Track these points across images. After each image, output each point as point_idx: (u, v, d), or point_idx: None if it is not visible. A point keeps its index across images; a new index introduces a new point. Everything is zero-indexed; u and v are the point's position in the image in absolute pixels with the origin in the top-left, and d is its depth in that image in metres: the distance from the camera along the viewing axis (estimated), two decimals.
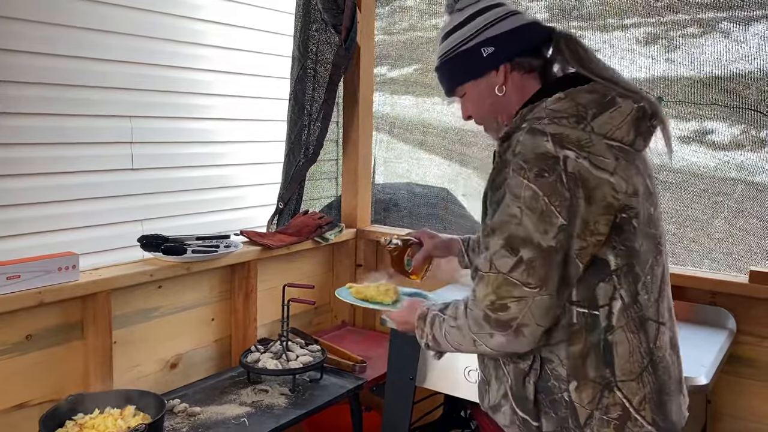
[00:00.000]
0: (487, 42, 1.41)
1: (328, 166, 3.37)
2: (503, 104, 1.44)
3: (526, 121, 1.33)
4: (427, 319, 1.44)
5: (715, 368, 1.86)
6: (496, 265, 1.27)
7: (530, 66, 1.43)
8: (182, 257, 2.22)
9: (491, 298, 1.26)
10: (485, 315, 1.27)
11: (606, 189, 1.26)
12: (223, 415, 2.06)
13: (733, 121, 2.43)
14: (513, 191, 1.26)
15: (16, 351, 1.87)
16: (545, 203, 1.24)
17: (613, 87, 1.33)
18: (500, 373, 1.42)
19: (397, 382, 2.22)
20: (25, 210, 2.85)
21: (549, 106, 1.32)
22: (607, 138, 1.30)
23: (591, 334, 1.31)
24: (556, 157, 1.25)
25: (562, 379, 1.32)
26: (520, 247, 1.25)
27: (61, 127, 2.96)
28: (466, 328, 1.32)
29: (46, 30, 2.85)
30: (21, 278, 1.83)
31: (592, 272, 1.29)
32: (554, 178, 1.24)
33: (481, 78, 1.44)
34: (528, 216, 1.24)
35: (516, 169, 1.27)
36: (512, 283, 1.25)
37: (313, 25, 2.82)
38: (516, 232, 1.25)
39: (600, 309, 1.30)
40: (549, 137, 1.26)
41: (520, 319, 1.25)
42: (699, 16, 2.48)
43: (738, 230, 2.40)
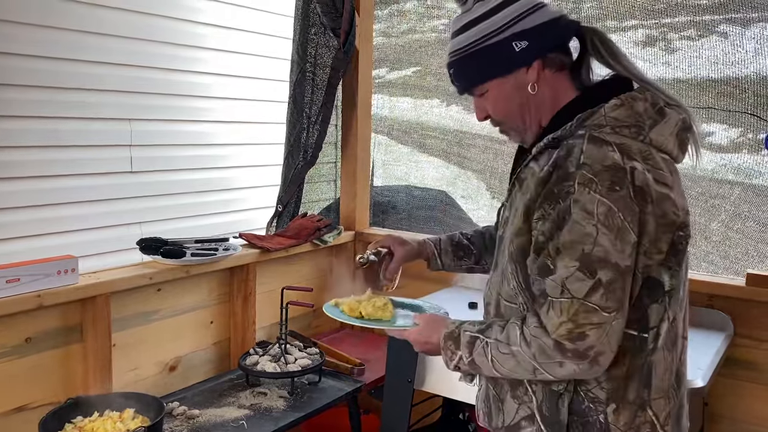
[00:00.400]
0: (521, 35, 1.28)
1: (326, 168, 3.38)
2: (535, 104, 1.33)
3: (584, 128, 1.24)
4: (461, 341, 1.31)
5: (712, 371, 1.87)
6: (570, 290, 1.15)
7: (561, 63, 1.32)
8: (181, 260, 2.23)
9: (568, 326, 1.15)
10: (558, 344, 1.16)
11: (668, 205, 1.21)
12: (222, 418, 2.06)
13: (731, 124, 2.44)
14: (584, 207, 1.15)
15: (15, 354, 1.87)
16: (621, 219, 1.15)
17: (658, 95, 1.26)
18: (519, 392, 1.33)
19: (396, 385, 2.23)
20: (23, 213, 2.85)
21: (609, 114, 1.23)
22: (660, 150, 1.24)
23: (636, 357, 1.24)
24: (624, 169, 1.17)
25: (599, 402, 1.25)
26: (598, 268, 1.14)
27: (59, 130, 2.96)
28: (527, 356, 1.20)
29: (44, 33, 2.85)
30: (20, 281, 1.83)
31: (646, 293, 1.22)
32: (625, 192, 1.16)
33: (510, 75, 1.31)
34: (605, 234, 1.14)
35: (584, 182, 1.16)
36: (590, 308, 1.14)
37: (312, 29, 2.83)
38: (592, 252, 1.15)
39: (650, 331, 1.24)
40: (614, 147, 1.19)
41: (597, 347, 1.15)
42: (697, 18, 2.49)
43: (735, 233, 2.41)
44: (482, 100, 1.38)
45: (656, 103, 1.25)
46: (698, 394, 1.80)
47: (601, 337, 1.15)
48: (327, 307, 1.70)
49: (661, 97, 1.26)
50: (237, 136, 3.85)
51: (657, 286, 1.23)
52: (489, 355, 1.26)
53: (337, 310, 1.70)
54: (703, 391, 1.78)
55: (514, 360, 1.22)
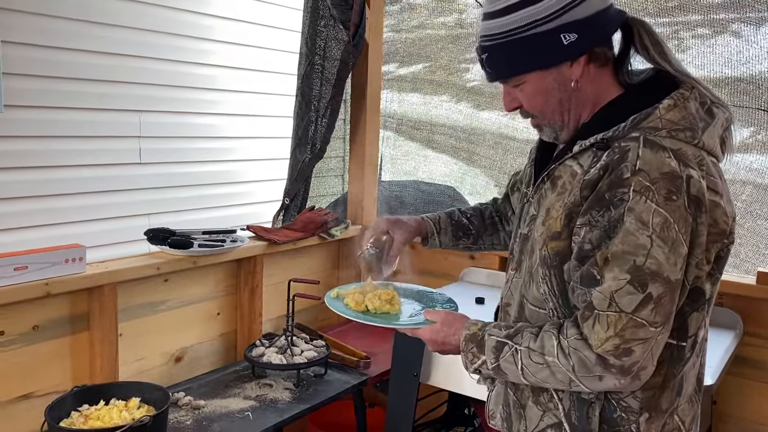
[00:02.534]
0: (571, 27, 1.16)
1: (335, 162, 3.38)
2: (575, 101, 1.24)
3: (639, 130, 1.15)
4: (486, 345, 1.24)
5: (721, 369, 1.86)
6: (619, 304, 1.09)
7: (605, 58, 1.23)
8: (189, 251, 2.23)
9: (615, 342, 1.09)
10: (601, 359, 1.11)
11: (719, 213, 1.15)
12: (228, 409, 2.07)
13: (743, 124, 2.42)
14: (640, 217, 1.08)
15: (22, 342, 1.88)
16: (676, 231, 1.09)
17: (705, 93, 1.19)
18: (543, 399, 1.28)
19: (401, 379, 2.22)
20: (32, 202, 2.86)
21: (665, 116, 1.15)
22: (711, 154, 1.17)
23: (674, 366, 1.20)
24: (681, 177, 1.10)
25: (632, 411, 1.21)
26: (650, 282, 1.08)
27: (69, 120, 2.97)
28: (564, 368, 1.14)
29: (55, 23, 2.86)
30: (28, 269, 1.83)
31: (689, 302, 1.17)
32: (681, 202, 1.09)
33: (552, 69, 1.21)
34: (659, 247, 1.08)
35: (640, 190, 1.09)
36: (639, 323, 1.09)
37: (322, 21, 2.82)
38: (644, 265, 1.08)
39: (687, 339, 1.20)
40: (671, 153, 1.11)
41: (641, 362, 1.10)
42: (710, 17, 2.47)
43: (746, 231, 2.39)
44: (515, 90, 1.27)
45: (704, 102, 1.18)
46: (707, 393, 1.78)
47: (645, 352, 1.10)
48: (329, 301, 1.62)
49: (707, 96, 1.19)
50: (245, 129, 3.85)
51: (699, 294, 1.18)
52: (519, 363, 1.19)
53: (341, 305, 1.61)
54: (712, 389, 1.77)
55: (549, 371, 1.17)
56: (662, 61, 1.21)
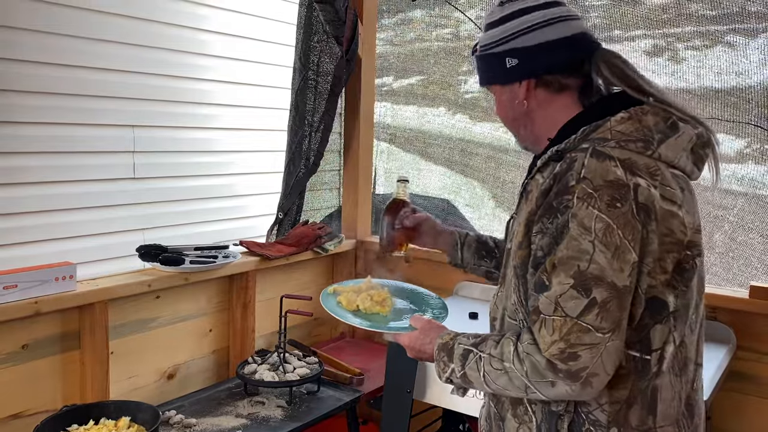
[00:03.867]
0: (512, 53, 1.27)
1: (329, 176, 3.37)
2: (530, 120, 1.33)
3: (588, 141, 1.19)
4: (455, 354, 1.27)
5: (715, 384, 1.85)
6: (564, 308, 1.11)
7: (561, 85, 1.28)
8: (180, 267, 2.22)
9: (560, 345, 1.11)
10: (550, 363, 1.12)
11: (675, 223, 1.16)
12: (219, 427, 2.05)
13: (736, 135, 2.42)
14: (582, 223, 1.11)
15: (11, 361, 1.87)
16: (620, 237, 1.10)
17: (671, 109, 1.21)
18: (520, 411, 1.29)
19: (395, 396, 2.21)
20: (25, 219, 2.85)
21: (615, 127, 1.18)
22: (672, 166, 1.20)
23: (640, 380, 1.19)
24: (627, 185, 1.12)
25: (600, 425, 1.20)
26: (593, 287, 1.10)
27: (62, 136, 2.96)
28: (519, 374, 1.16)
29: (48, 39, 2.85)
30: (18, 288, 1.83)
31: (650, 313, 1.17)
32: (627, 209, 1.11)
33: (506, 86, 1.33)
34: (602, 252, 1.10)
35: (583, 197, 1.12)
36: (584, 328, 1.10)
37: (315, 36, 2.83)
38: (587, 270, 1.10)
39: (653, 353, 1.19)
40: (618, 162, 1.14)
41: (590, 368, 1.10)
42: (703, 29, 2.48)
43: (738, 245, 2.38)
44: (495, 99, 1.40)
45: (668, 117, 1.20)
46: None
47: (594, 358, 1.10)
48: (324, 296, 1.63)
49: (674, 112, 1.21)
50: (240, 143, 3.84)
51: (661, 306, 1.18)
52: (481, 370, 1.22)
53: (333, 302, 1.63)
54: (706, 404, 1.76)
55: (507, 377, 1.18)
56: (625, 87, 1.24)
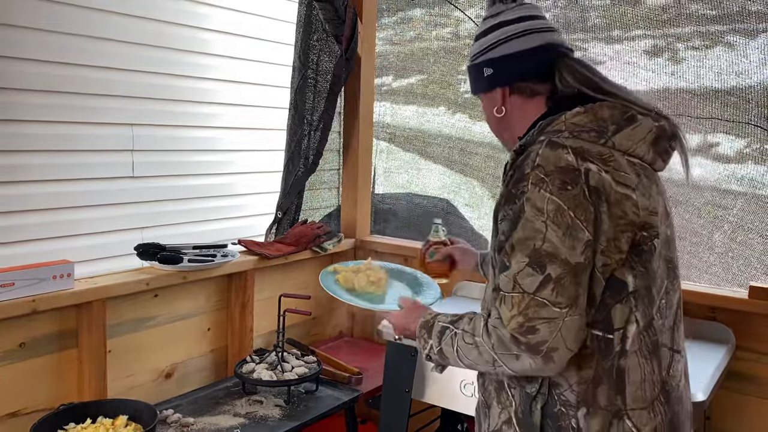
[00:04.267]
0: (488, 63, 1.40)
1: (328, 175, 3.37)
2: (505, 125, 1.43)
3: (545, 134, 1.28)
4: (433, 330, 1.35)
5: (714, 384, 1.84)
6: (521, 285, 1.18)
7: (532, 91, 1.38)
8: (178, 266, 2.22)
9: (519, 320, 1.17)
10: (512, 337, 1.18)
11: (628, 205, 1.22)
12: (217, 426, 2.05)
13: (736, 135, 2.42)
14: (535, 205, 1.19)
15: (8, 359, 1.86)
16: (571, 217, 1.18)
17: (630, 105, 1.29)
18: (503, 397, 1.35)
19: (393, 395, 2.21)
20: (24, 217, 2.84)
21: (569, 120, 1.27)
22: (628, 154, 1.27)
23: (604, 360, 1.24)
24: (578, 170, 1.20)
25: (570, 405, 1.25)
26: (548, 263, 1.17)
27: (61, 134, 2.96)
28: (487, 347, 1.22)
29: (48, 38, 2.85)
30: (15, 286, 1.82)
31: (610, 293, 1.23)
32: (578, 191, 1.19)
33: (487, 94, 1.44)
34: (554, 231, 1.17)
35: (536, 182, 1.20)
36: (541, 303, 1.16)
37: (314, 35, 2.83)
38: (541, 248, 1.17)
39: (615, 332, 1.23)
40: (569, 150, 1.22)
41: (550, 342, 1.16)
42: (703, 29, 2.48)
43: (738, 245, 2.38)
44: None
45: (626, 111, 1.28)
46: (699, 408, 1.77)
47: (553, 332, 1.16)
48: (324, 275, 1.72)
49: (633, 107, 1.28)
50: (239, 142, 3.84)
51: (620, 286, 1.23)
52: (455, 345, 1.29)
53: (331, 280, 1.72)
54: (704, 404, 1.76)
55: (477, 351, 1.25)
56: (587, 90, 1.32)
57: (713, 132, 2.45)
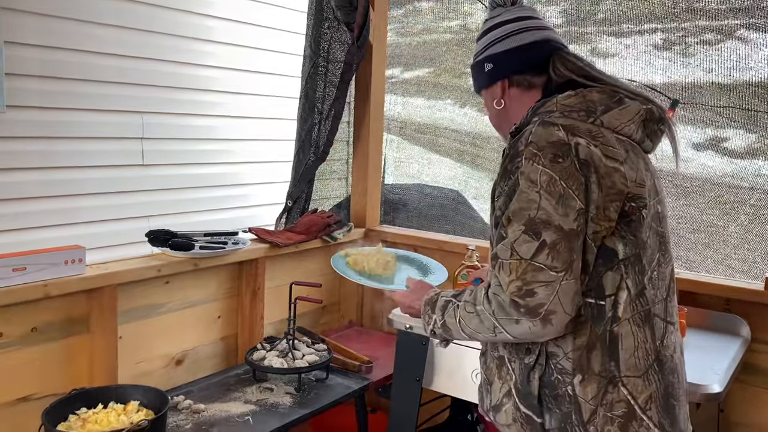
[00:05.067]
0: (489, 59, 1.49)
1: (338, 165, 3.36)
2: (504, 117, 1.50)
3: (537, 115, 1.36)
4: (437, 305, 1.41)
5: (729, 376, 1.82)
6: (518, 252, 1.24)
7: (529, 83, 1.46)
8: (190, 253, 2.21)
9: (517, 284, 1.22)
10: (512, 301, 1.23)
11: (616, 176, 1.28)
12: (228, 413, 2.04)
13: (750, 128, 2.40)
14: (529, 177, 1.26)
15: (20, 343, 1.86)
16: (563, 187, 1.24)
17: (618, 89, 1.37)
18: (504, 372, 1.39)
19: (404, 384, 2.20)
20: (34, 204, 2.84)
21: (560, 102, 1.35)
22: (617, 132, 1.33)
23: (597, 325, 1.28)
24: (568, 144, 1.27)
25: (566, 373, 1.30)
26: (542, 230, 1.23)
27: (71, 121, 2.95)
28: (488, 314, 1.27)
29: (58, 24, 2.84)
30: (27, 270, 1.82)
31: (600, 261, 1.29)
32: (568, 164, 1.25)
33: (488, 89, 1.52)
34: (547, 200, 1.24)
35: (529, 156, 1.27)
36: (537, 267, 1.22)
37: (326, 23, 2.81)
38: (536, 215, 1.24)
39: (606, 299, 1.28)
40: (560, 127, 1.29)
41: (548, 305, 1.21)
42: (715, 23, 2.45)
43: (754, 237, 2.36)
44: None
45: (614, 94, 1.36)
46: (714, 400, 1.75)
47: (550, 295, 1.21)
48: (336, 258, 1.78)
49: (622, 92, 1.36)
50: (249, 131, 3.83)
51: (611, 254, 1.28)
52: (457, 316, 1.35)
53: (342, 262, 1.78)
54: (720, 396, 1.74)
55: (478, 318, 1.30)
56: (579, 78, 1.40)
57: (729, 125, 2.43)
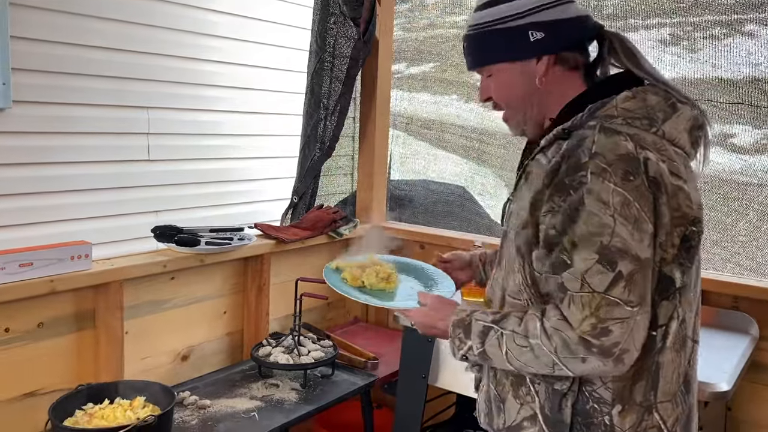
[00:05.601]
0: (539, 26, 1.25)
1: (344, 161, 3.35)
2: (539, 98, 1.31)
3: (595, 118, 1.21)
4: (471, 330, 1.25)
5: (737, 375, 1.81)
6: (590, 284, 1.11)
7: (575, 63, 1.30)
8: (195, 249, 2.21)
9: (591, 321, 1.10)
10: (582, 339, 1.11)
11: (681, 197, 1.17)
12: (234, 409, 2.04)
13: (758, 124, 2.38)
14: (600, 197, 1.11)
15: (27, 339, 1.86)
16: (637, 209, 1.11)
17: (671, 92, 1.24)
18: (521, 392, 1.30)
19: (410, 380, 2.19)
20: (40, 199, 2.85)
21: (620, 105, 1.21)
22: (674, 144, 1.22)
23: (646, 357, 1.19)
24: (638, 159, 1.14)
25: (604, 403, 1.22)
26: (618, 260, 1.10)
27: (77, 116, 2.95)
28: (547, 350, 1.15)
29: (65, 19, 2.85)
30: (33, 266, 1.82)
31: (658, 290, 1.18)
32: (639, 182, 1.13)
33: (518, 63, 1.29)
34: (623, 225, 1.11)
35: (597, 172, 1.12)
36: (613, 302, 1.10)
37: (332, 18, 2.80)
38: (610, 243, 1.10)
39: (658, 329, 1.20)
40: (627, 137, 1.16)
41: (622, 344, 1.10)
42: (722, 18, 2.43)
43: (763, 234, 2.34)
44: (488, 80, 1.35)
45: (668, 98, 1.23)
46: (722, 398, 1.75)
47: (625, 333, 1.10)
48: (328, 272, 1.58)
49: (673, 94, 1.24)
50: (255, 126, 3.83)
51: (668, 282, 1.19)
52: (503, 347, 1.21)
53: (337, 278, 1.58)
54: (728, 395, 1.73)
55: (532, 353, 1.17)
56: (632, 65, 1.27)
57: (738, 121, 2.41)
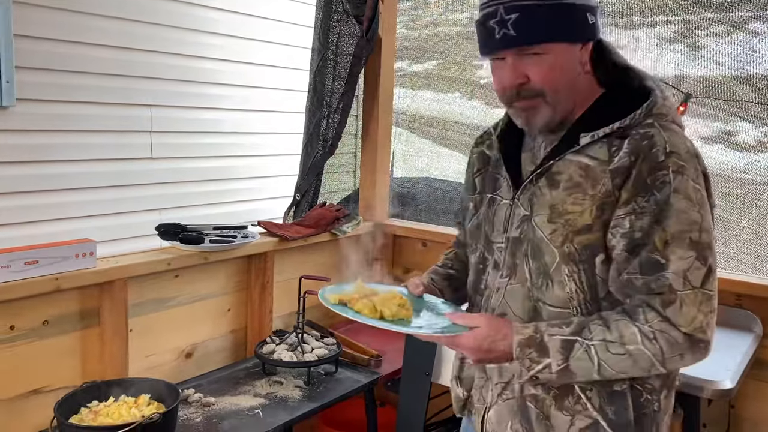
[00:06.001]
0: (593, 10, 1.21)
1: (346, 159, 3.35)
2: (578, 87, 1.24)
3: (651, 116, 1.20)
4: (548, 347, 1.16)
5: (741, 372, 1.82)
6: (691, 281, 1.12)
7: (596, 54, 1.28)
8: (199, 246, 2.21)
9: (700, 318, 1.12)
10: (689, 337, 1.12)
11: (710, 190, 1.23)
12: (238, 406, 2.05)
13: (762, 121, 2.37)
14: (687, 194, 1.14)
15: (32, 336, 1.87)
16: (709, 204, 1.18)
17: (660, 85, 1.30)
18: (568, 402, 1.24)
19: (413, 378, 2.20)
20: (44, 197, 2.86)
21: (665, 103, 1.24)
22: None
23: None
24: (698, 155, 1.19)
25: (654, 391, 1.24)
26: (708, 255, 1.14)
27: (80, 114, 2.96)
28: (650, 353, 1.13)
29: (68, 17, 2.85)
30: (38, 264, 1.82)
31: None
32: (701, 177, 1.19)
33: (576, 45, 1.20)
34: (707, 221, 1.15)
35: (677, 170, 1.14)
36: (708, 296, 1.13)
37: (334, 16, 2.79)
38: (700, 239, 1.13)
39: None
40: (683, 134, 1.21)
41: (710, 334, 1.14)
42: (725, 15, 2.43)
43: (766, 231, 2.34)
44: (527, 61, 1.19)
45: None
46: (726, 396, 1.75)
47: (712, 323, 1.14)
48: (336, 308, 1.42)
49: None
50: (258, 124, 3.83)
51: None
52: (595, 358, 1.15)
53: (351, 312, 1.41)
54: (731, 393, 1.73)
55: (631, 360, 1.14)
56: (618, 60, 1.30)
57: (741, 119, 2.40)
